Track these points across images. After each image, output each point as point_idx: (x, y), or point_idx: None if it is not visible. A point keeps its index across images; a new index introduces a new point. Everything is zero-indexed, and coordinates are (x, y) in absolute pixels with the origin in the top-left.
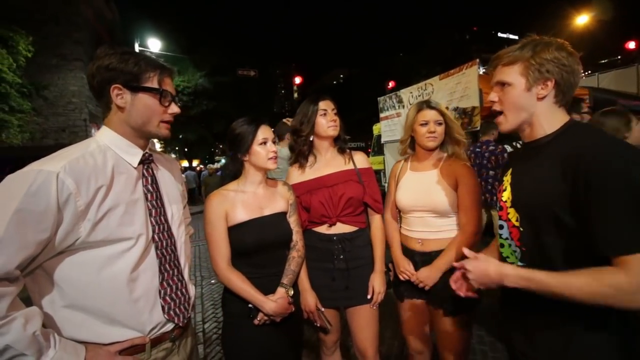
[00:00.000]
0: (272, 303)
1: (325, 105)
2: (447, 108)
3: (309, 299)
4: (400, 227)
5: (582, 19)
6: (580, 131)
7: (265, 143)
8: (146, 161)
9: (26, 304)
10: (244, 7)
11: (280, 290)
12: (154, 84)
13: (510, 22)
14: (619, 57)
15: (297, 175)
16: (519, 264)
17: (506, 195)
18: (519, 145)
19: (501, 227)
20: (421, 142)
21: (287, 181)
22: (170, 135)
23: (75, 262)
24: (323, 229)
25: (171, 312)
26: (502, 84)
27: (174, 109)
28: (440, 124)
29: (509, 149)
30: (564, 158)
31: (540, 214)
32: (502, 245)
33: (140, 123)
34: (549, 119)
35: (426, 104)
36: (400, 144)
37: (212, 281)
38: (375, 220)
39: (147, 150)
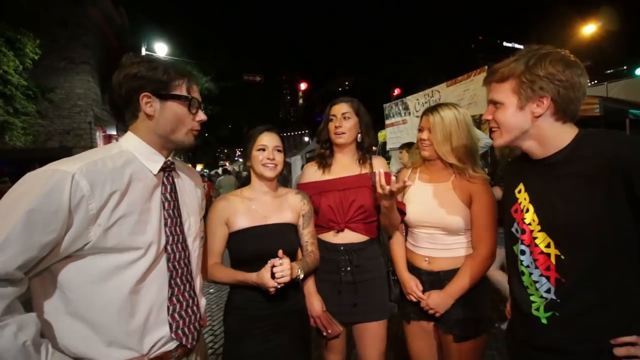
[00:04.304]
0: (256, 273)
1: (334, 110)
2: None
3: (315, 303)
4: (406, 240)
5: (589, 29)
6: (596, 139)
7: (263, 149)
8: (167, 169)
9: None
10: (251, 13)
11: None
12: (182, 91)
13: (516, 31)
14: (625, 67)
15: (311, 175)
16: (549, 296)
17: (530, 217)
18: None
19: (523, 252)
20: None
21: (301, 179)
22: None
23: (81, 268)
24: (330, 237)
25: (179, 332)
26: (495, 103)
27: (202, 116)
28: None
29: None
30: (595, 170)
31: (595, 237)
32: (522, 273)
33: (169, 130)
34: (556, 136)
35: (429, 111)
36: (416, 154)
37: (211, 290)
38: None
39: (169, 158)
